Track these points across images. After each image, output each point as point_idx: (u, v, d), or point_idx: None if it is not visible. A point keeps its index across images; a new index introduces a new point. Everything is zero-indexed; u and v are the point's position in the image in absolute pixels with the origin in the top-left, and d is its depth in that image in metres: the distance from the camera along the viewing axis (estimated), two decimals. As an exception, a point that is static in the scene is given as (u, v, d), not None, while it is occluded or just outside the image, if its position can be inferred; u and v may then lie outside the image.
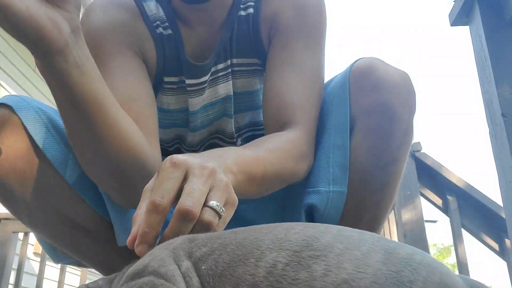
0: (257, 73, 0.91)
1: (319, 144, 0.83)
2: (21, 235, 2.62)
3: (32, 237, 3.99)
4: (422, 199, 2.22)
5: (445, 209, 2.25)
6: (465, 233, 2.19)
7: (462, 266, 2.13)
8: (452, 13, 1.38)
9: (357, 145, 0.79)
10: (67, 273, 2.85)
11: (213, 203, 0.51)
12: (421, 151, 2.27)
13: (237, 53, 0.89)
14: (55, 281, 3.44)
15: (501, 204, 1.25)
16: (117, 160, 0.69)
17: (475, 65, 1.30)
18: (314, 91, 0.84)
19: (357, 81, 0.79)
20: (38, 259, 3.37)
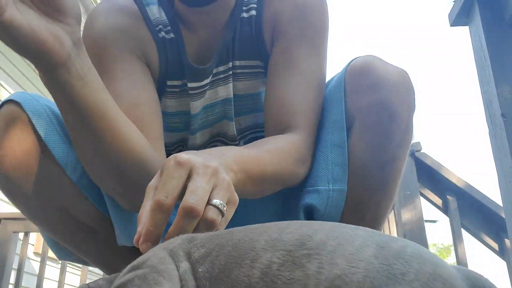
0: (259, 75, 0.91)
1: (317, 143, 0.83)
2: (21, 235, 2.62)
3: (32, 237, 4.00)
4: (422, 199, 2.22)
5: (445, 209, 2.25)
6: (465, 233, 2.19)
7: (462, 266, 2.12)
8: (452, 13, 1.38)
9: (356, 144, 0.79)
10: (67, 273, 2.85)
11: (216, 201, 0.52)
12: (421, 151, 2.27)
13: (239, 55, 0.88)
14: (55, 281, 3.45)
15: (501, 204, 1.25)
16: (122, 167, 0.70)
17: (475, 65, 1.30)
18: (315, 95, 0.84)
19: (354, 79, 0.79)
20: (39, 259, 3.37)
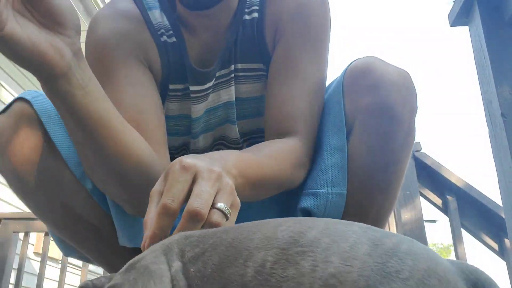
0: (262, 78, 0.89)
1: (316, 146, 0.83)
2: (21, 235, 2.62)
3: (32, 237, 4.00)
4: (421, 199, 2.22)
5: (444, 209, 2.25)
6: (464, 233, 2.19)
7: (462, 265, 2.12)
8: (452, 13, 1.38)
9: (356, 146, 0.78)
10: (67, 273, 2.85)
11: (220, 205, 0.52)
12: (421, 151, 2.27)
13: (241, 58, 0.87)
14: (55, 281, 3.45)
15: (501, 204, 1.25)
16: (124, 174, 0.70)
17: (475, 65, 1.30)
18: (316, 101, 0.83)
19: (353, 81, 0.78)
20: (39, 259, 3.38)
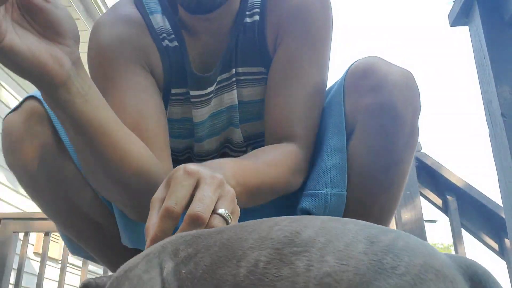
0: (263, 82, 0.89)
1: (316, 147, 0.83)
2: (21, 235, 2.62)
3: (32, 237, 4.00)
4: (422, 199, 2.22)
5: (445, 209, 2.25)
6: (465, 233, 2.19)
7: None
8: (452, 13, 1.38)
9: (357, 147, 0.78)
10: (67, 273, 2.85)
11: (222, 210, 0.53)
12: (421, 151, 2.27)
13: (242, 62, 0.87)
14: (55, 281, 3.45)
15: (501, 204, 1.25)
16: (125, 180, 0.70)
17: (475, 65, 1.30)
18: (315, 105, 0.83)
19: (354, 81, 0.78)
20: (39, 259, 3.38)
